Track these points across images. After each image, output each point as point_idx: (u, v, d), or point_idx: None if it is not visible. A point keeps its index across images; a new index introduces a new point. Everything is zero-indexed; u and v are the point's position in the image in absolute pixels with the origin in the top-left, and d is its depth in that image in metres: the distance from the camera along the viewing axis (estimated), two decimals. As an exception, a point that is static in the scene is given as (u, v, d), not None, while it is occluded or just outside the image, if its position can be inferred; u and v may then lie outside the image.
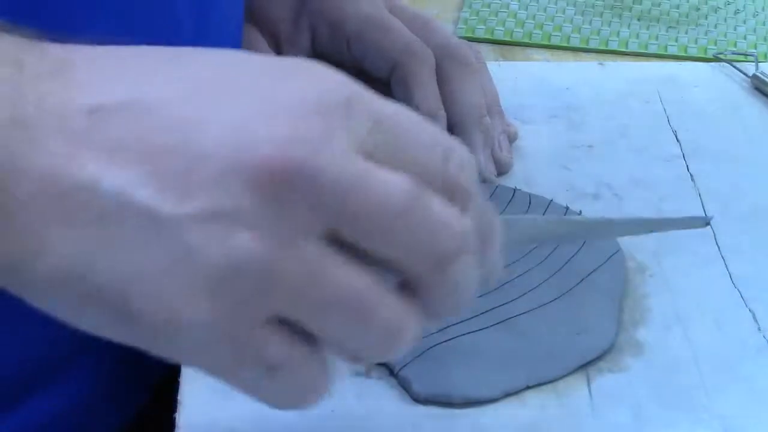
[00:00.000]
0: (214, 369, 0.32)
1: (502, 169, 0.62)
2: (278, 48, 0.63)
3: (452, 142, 0.34)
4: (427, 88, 0.60)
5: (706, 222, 0.51)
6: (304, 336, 0.32)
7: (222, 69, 0.33)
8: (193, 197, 0.30)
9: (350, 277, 0.31)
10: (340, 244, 0.31)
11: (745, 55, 0.74)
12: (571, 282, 0.54)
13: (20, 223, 0.30)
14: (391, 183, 0.31)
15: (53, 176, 0.30)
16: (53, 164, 0.30)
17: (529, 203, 0.59)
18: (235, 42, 0.59)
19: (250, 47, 0.62)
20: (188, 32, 0.51)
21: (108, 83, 0.32)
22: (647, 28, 0.78)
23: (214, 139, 0.30)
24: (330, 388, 0.34)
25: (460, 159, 0.33)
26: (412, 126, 0.33)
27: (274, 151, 0.30)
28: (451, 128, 0.61)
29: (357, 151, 0.31)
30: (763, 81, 0.70)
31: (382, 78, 0.61)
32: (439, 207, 0.32)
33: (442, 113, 0.60)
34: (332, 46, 0.62)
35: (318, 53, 0.63)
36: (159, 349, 0.32)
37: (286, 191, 0.30)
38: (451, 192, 0.33)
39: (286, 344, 0.32)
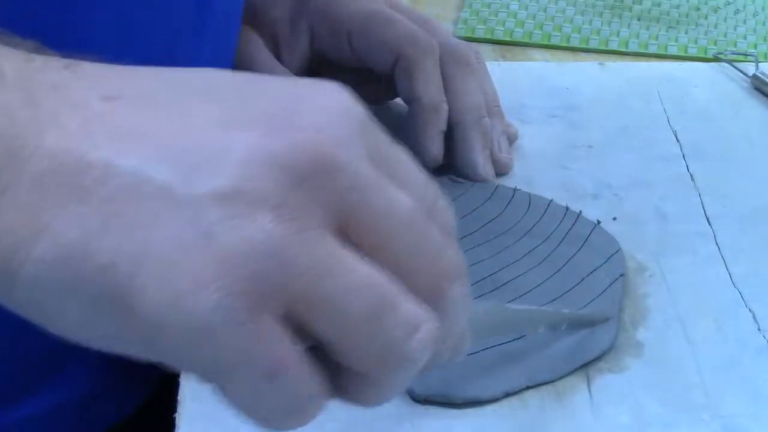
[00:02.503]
0: (208, 369, 0.30)
1: (501, 171, 0.62)
2: (276, 48, 0.63)
3: (436, 185, 0.34)
4: (430, 78, 0.60)
5: (606, 319, 0.52)
6: (309, 345, 0.31)
7: (243, 77, 0.33)
8: (214, 176, 0.29)
9: (366, 270, 0.30)
10: (352, 245, 0.31)
11: (745, 55, 0.74)
12: (571, 282, 0.54)
13: (24, 203, 0.29)
14: (400, 197, 0.31)
15: (66, 153, 0.29)
16: (67, 142, 0.30)
17: (529, 203, 0.59)
18: (232, 40, 0.59)
19: (248, 48, 0.62)
20: (187, 31, 0.51)
21: (120, 78, 0.32)
22: (647, 28, 0.78)
23: (242, 123, 0.30)
24: (323, 408, 0.32)
25: (445, 202, 0.34)
26: (412, 163, 0.34)
27: (301, 140, 0.30)
28: (451, 128, 0.61)
29: (372, 161, 0.31)
30: (763, 81, 0.71)
31: (385, 72, 0.61)
32: (437, 232, 0.32)
33: (445, 105, 0.60)
34: (332, 44, 0.62)
35: (317, 53, 0.63)
36: (151, 344, 0.30)
37: (312, 178, 0.30)
38: (441, 227, 0.33)
39: (293, 346, 0.30)
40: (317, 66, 0.64)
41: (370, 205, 0.31)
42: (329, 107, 0.31)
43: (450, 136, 0.61)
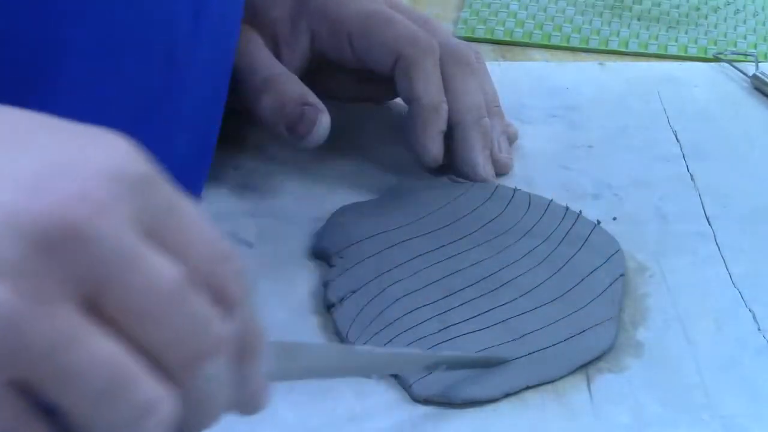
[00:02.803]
0: None
1: (501, 171, 0.62)
2: (276, 48, 0.63)
3: (232, 251, 0.33)
4: (430, 78, 0.60)
5: (504, 360, 0.49)
6: (46, 409, 0.30)
7: (16, 123, 0.32)
8: None
9: (106, 347, 0.30)
10: (100, 318, 0.30)
11: (745, 55, 0.74)
12: (571, 282, 0.54)
13: None
14: (162, 269, 0.30)
15: None
16: None
17: (529, 203, 0.59)
18: (231, 42, 0.59)
19: (248, 48, 0.62)
20: (185, 28, 0.51)
21: None
22: (647, 28, 0.78)
23: (4, 181, 0.29)
24: None
25: (236, 268, 0.33)
26: (198, 223, 0.32)
27: (52, 207, 0.29)
28: (451, 128, 0.61)
29: (138, 228, 0.30)
30: (763, 81, 0.71)
31: (385, 72, 0.61)
32: (201, 305, 0.31)
33: (445, 105, 0.60)
34: (332, 45, 0.62)
35: (317, 53, 0.63)
36: None
37: (56, 249, 0.29)
38: (219, 294, 0.32)
39: (21, 413, 0.30)
40: (317, 66, 0.64)
41: (120, 279, 0.30)
42: (97, 168, 0.30)
43: (450, 136, 0.61)
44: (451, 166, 0.61)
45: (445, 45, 0.62)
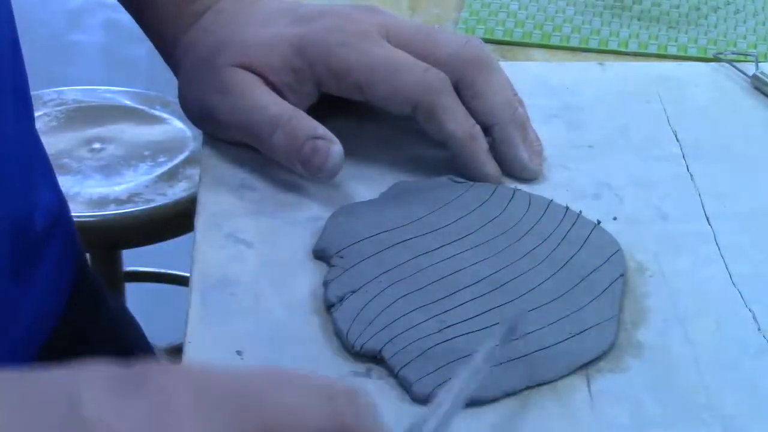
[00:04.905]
0: None
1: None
2: (281, 94, 0.61)
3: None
4: (454, 113, 0.59)
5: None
6: None
7: None
8: None
9: None
10: None
11: (745, 55, 0.74)
12: (571, 282, 0.54)
13: None
14: None
15: None
16: None
17: (529, 203, 0.59)
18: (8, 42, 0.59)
19: (248, 89, 0.61)
20: None
21: None
22: (647, 28, 0.78)
23: None
24: None
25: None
26: None
27: None
28: (488, 130, 0.61)
29: None
30: (763, 81, 0.71)
31: (406, 115, 0.61)
32: None
33: (477, 127, 0.60)
34: (342, 91, 0.61)
35: (326, 95, 0.62)
36: None
37: None
38: None
39: None
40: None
41: None
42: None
43: (489, 137, 0.61)
44: (500, 165, 0.61)
45: (457, 54, 0.61)
